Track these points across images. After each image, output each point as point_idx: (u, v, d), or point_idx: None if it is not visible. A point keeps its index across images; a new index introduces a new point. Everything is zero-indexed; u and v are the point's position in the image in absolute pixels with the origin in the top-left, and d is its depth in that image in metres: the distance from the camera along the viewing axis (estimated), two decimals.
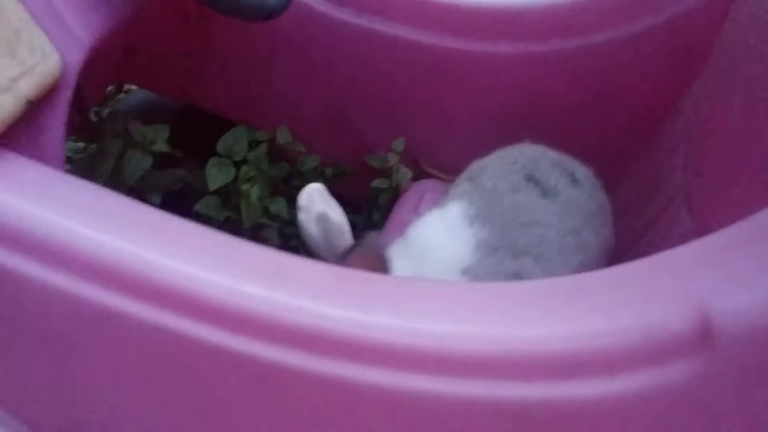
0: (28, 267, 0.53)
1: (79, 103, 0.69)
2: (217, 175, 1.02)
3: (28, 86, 0.56)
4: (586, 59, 0.99)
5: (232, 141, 1.07)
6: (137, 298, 0.51)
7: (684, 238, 0.78)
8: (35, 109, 0.58)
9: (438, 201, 1.07)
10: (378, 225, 1.11)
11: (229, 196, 1.06)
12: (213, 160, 1.04)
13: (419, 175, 1.15)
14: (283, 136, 1.11)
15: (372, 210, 1.14)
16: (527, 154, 0.85)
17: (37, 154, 0.60)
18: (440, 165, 1.15)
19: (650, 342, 0.47)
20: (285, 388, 0.52)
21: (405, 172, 1.11)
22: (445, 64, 1.05)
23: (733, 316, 0.45)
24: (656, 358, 0.47)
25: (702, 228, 0.76)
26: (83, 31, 0.65)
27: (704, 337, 0.46)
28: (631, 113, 1.02)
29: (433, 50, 1.04)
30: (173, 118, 1.21)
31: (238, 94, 1.14)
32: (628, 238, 0.91)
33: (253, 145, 1.09)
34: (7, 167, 0.54)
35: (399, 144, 1.10)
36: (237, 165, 1.06)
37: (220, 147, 1.06)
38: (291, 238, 1.17)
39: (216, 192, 1.03)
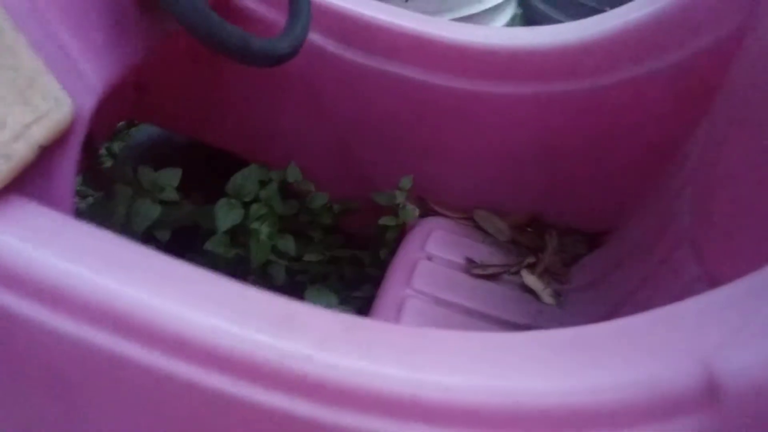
0: (38, 312, 0.53)
1: (89, 142, 0.70)
2: (225, 217, 1.03)
3: (41, 133, 0.57)
4: (593, 101, 1.00)
5: (242, 182, 1.08)
6: (146, 345, 0.51)
7: (690, 287, 0.78)
8: (47, 153, 0.59)
9: (444, 239, 1.08)
10: (384, 262, 1.11)
11: (237, 234, 1.07)
12: (222, 202, 1.04)
13: (426, 212, 1.15)
14: (292, 175, 1.12)
15: (379, 247, 1.14)
16: None
17: (48, 198, 0.61)
18: (447, 203, 1.15)
19: (655, 398, 0.47)
20: None
21: (412, 210, 1.12)
22: (452, 103, 1.06)
23: (739, 374, 0.45)
24: (661, 414, 0.47)
25: (710, 276, 0.75)
26: (96, 77, 0.66)
27: (710, 394, 0.45)
28: (637, 155, 1.03)
29: (440, 90, 1.05)
30: (182, 153, 1.23)
31: (248, 132, 1.15)
32: (633, 283, 0.91)
33: (263, 183, 1.10)
34: (18, 213, 0.55)
35: (406, 182, 1.11)
36: (246, 204, 1.07)
37: (230, 188, 1.06)
38: (297, 274, 1.17)
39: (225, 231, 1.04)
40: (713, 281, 0.74)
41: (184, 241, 1.10)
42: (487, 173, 1.12)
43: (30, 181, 0.58)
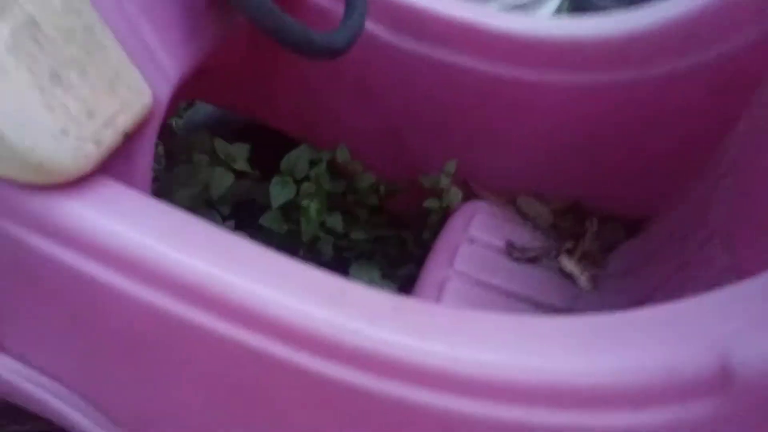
0: (120, 281, 0.60)
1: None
2: (280, 193, 1.10)
3: (126, 121, 0.64)
4: (636, 92, 1.03)
5: (295, 160, 1.14)
6: (216, 314, 0.58)
7: (720, 278, 0.81)
8: (129, 138, 0.66)
9: (486, 223, 1.13)
10: (428, 243, 1.16)
11: (290, 210, 1.13)
12: (276, 179, 1.11)
13: (469, 195, 1.19)
14: (342, 155, 1.18)
15: (422, 228, 1.19)
16: None
17: (129, 176, 0.68)
18: (490, 187, 1.20)
19: (671, 382, 0.52)
20: (342, 402, 0.58)
21: (456, 193, 1.17)
22: (498, 91, 1.10)
23: (753, 363, 0.49)
24: (678, 397, 0.52)
25: (739, 269, 0.79)
26: (172, 68, 0.72)
27: (724, 380, 0.50)
28: (677, 145, 1.05)
29: (486, 77, 1.09)
30: (239, 131, 1.29)
31: (301, 113, 1.21)
32: (666, 272, 0.94)
33: (314, 163, 1.16)
34: (104, 192, 0.62)
35: (451, 166, 1.15)
36: (298, 182, 1.13)
37: (284, 166, 1.13)
38: (344, 250, 1.23)
39: (278, 206, 1.10)
40: (743, 274, 0.77)
41: (242, 214, 1.17)
42: (530, 159, 1.16)
43: (114, 162, 0.65)
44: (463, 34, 1.07)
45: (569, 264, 1.09)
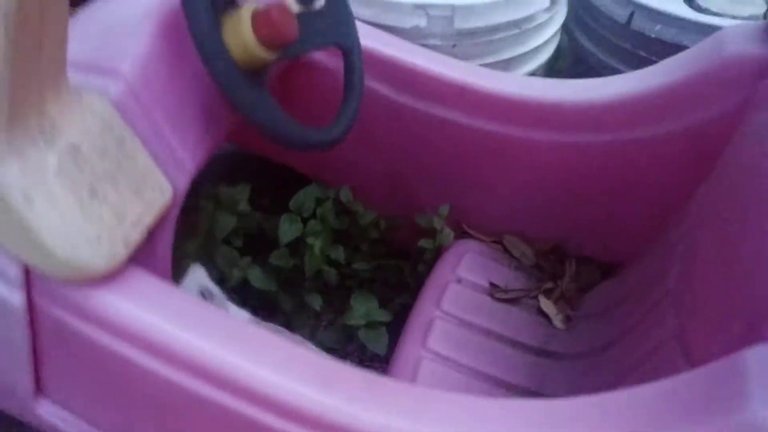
0: (146, 359, 0.73)
1: None
2: (287, 231, 1.22)
3: (150, 219, 0.76)
4: (613, 153, 1.13)
5: (302, 199, 1.26)
6: (226, 391, 0.70)
7: (666, 342, 0.92)
8: (152, 231, 0.78)
9: (474, 262, 1.24)
10: (422, 275, 1.28)
11: (297, 245, 1.25)
12: (285, 217, 1.23)
13: (461, 233, 1.31)
14: (344, 195, 1.29)
15: (418, 262, 1.31)
16: None
17: (151, 259, 0.80)
18: (480, 227, 1.31)
19: None
20: None
21: (448, 234, 1.28)
22: (488, 144, 1.20)
23: None
24: None
25: (683, 335, 0.90)
26: (190, 161, 0.84)
27: None
28: (649, 202, 1.15)
29: (478, 132, 1.19)
30: (252, 167, 1.41)
31: (308, 154, 1.32)
32: (630, 321, 1.05)
33: (320, 201, 1.28)
34: (132, 284, 0.74)
35: (444, 210, 1.26)
36: (305, 220, 1.25)
37: (293, 205, 1.25)
38: (347, 278, 1.35)
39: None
40: (684, 344, 0.88)
41: (252, 246, 1.29)
42: (517, 205, 1.27)
43: (138, 250, 0.77)
44: (457, 94, 1.17)
45: (546, 304, 1.20)
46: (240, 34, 0.83)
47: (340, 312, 1.31)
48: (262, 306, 1.26)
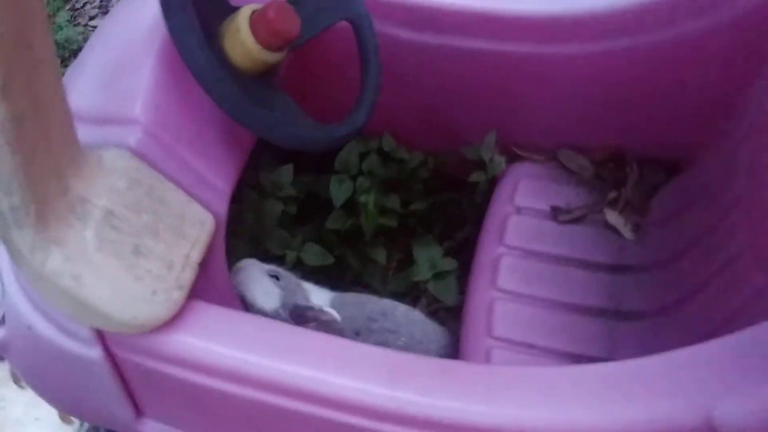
0: (220, 384, 0.77)
1: None
2: (339, 192, 1.21)
3: (197, 255, 0.77)
4: (656, 54, 1.05)
5: (346, 157, 1.25)
6: (306, 402, 0.74)
7: (737, 257, 0.89)
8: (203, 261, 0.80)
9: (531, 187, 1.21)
10: (481, 205, 1.26)
11: (350, 204, 1.25)
12: (334, 179, 1.22)
13: (513, 158, 1.27)
14: (387, 144, 1.27)
15: (474, 194, 1.29)
16: None
17: (209, 286, 0.83)
18: (532, 147, 1.26)
19: (668, 429, 0.64)
20: None
21: (499, 162, 1.24)
22: (521, 66, 1.14)
23: (734, 422, 0.60)
24: None
25: (755, 249, 0.86)
26: (223, 182, 0.84)
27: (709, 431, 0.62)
28: (704, 99, 1.08)
29: (510, 56, 1.13)
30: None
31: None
32: (700, 227, 1.01)
33: (363, 156, 1.26)
34: (193, 319, 0.77)
35: (490, 138, 1.23)
36: (353, 177, 1.25)
37: (338, 164, 1.24)
38: (407, 218, 1.35)
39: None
40: (759, 257, 0.85)
41: (305, 211, 1.30)
42: (565, 117, 1.21)
43: (195, 280, 0.79)
44: (482, 22, 1.11)
45: (613, 216, 1.17)
46: (241, 42, 0.80)
47: (405, 257, 1.32)
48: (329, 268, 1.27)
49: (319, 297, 1.05)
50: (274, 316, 0.95)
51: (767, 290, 0.82)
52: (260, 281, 0.99)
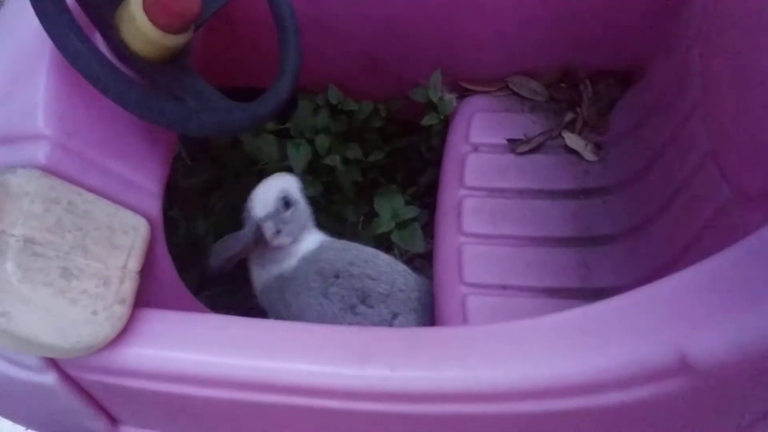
0: (184, 388, 0.74)
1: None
2: (298, 157, 1.17)
3: (136, 263, 0.73)
4: None
5: (300, 119, 1.20)
6: (278, 394, 0.71)
7: (701, 163, 0.85)
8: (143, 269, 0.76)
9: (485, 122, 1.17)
10: (438, 148, 1.22)
11: (315, 166, 1.21)
12: (290, 144, 1.17)
13: (464, 94, 1.22)
14: (333, 97, 1.21)
15: (430, 137, 1.24)
16: None
17: (158, 289, 0.79)
18: (481, 79, 1.21)
19: (644, 371, 0.62)
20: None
21: (450, 100, 1.20)
22: None
23: (706, 355, 0.58)
24: (650, 380, 0.62)
25: (715, 152, 0.82)
26: (152, 182, 0.79)
27: (683, 368, 0.60)
28: (642, 8, 1.03)
29: None
30: None
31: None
32: (661, 139, 0.97)
33: (315, 113, 1.21)
34: (142, 329, 0.73)
35: (435, 77, 1.17)
36: (310, 141, 1.20)
37: (293, 130, 1.19)
38: (369, 170, 1.30)
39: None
40: (721, 166, 0.82)
41: None
42: (511, 44, 1.16)
43: (140, 293, 0.76)
44: None
45: (572, 138, 1.13)
46: (138, 30, 0.74)
47: (372, 210, 1.28)
48: None
49: (312, 237, 1.07)
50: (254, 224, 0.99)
51: (732, 202, 0.79)
52: (268, 194, 1.02)
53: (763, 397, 0.61)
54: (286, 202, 1.02)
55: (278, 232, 1.00)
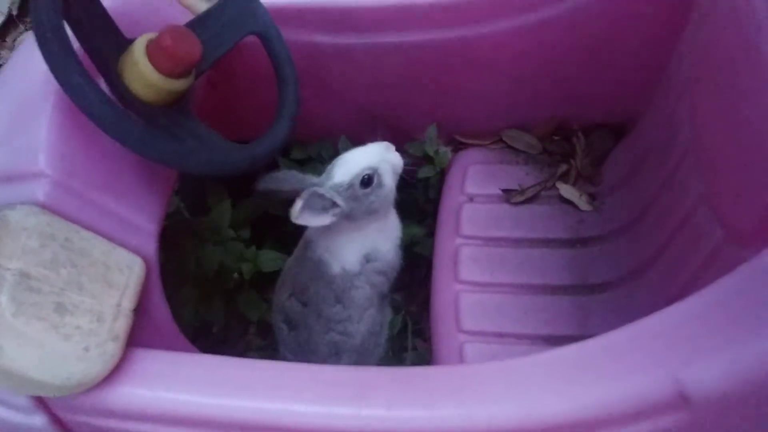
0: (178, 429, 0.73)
1: None
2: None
3: (130, 301, 0.73)
4: (579, 16, 1.03)
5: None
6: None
7: (694, 208, 0.86)
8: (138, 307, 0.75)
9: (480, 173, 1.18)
10: (435, 200, 1.23)
11: None
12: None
13: (459, 146, 1.24)
14: (326, 149, 1.23)
15: (427, 189, 1.25)
16: None
17: (150, 329, 0.79)
18: (475, 133, 1.24)
19: (642, 407, 0.61)
20: None
21: (445, 153, 1.22)
22: (451, 52, 1.11)
23: (705, 386, 0.57)
24: (648, 416, 0.61)
25: (706, 197, 0.83)
26: (149, 221, 0.80)
27: (682, 401, 0.59)
28: (638, 52, 1.06)
29: (434, 45, 1.10)
30: None
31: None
32: (654, 187, 0.98)
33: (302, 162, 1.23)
34: (133, 369, 0.72)
35: (431, 131, 1.20)
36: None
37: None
38: None
39: None
40: (714, 209, 0.82)
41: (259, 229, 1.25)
42: (504, 101, 1.18)
43: (132, 332, 0.75)
44: (398, 16, 1.08)
45: (566, 189, 1.14)
46: (141, 75, 0.76)
47: None
48: None
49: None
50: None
51: (725, 242, 0.80)
52: (350, 165, 0.97)
53: (764, 427, 0.60)
54: (367, 180, 0.95)
55: (325, 208, 0.93)
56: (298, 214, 0.89)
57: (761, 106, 0.68)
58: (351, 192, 0.95)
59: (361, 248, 1.03)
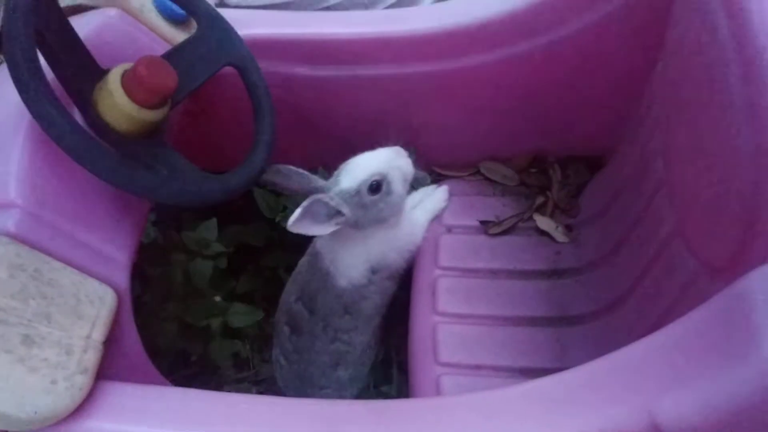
0: None
1: None
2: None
3: (100, 334, 0.72)
4: (555, 51, 1.04)
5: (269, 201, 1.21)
6: None
7: (667, 240, 0.87)
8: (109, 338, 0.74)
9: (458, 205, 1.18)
10: None
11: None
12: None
13: (437, 178, 1.25)
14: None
15: None
16: None
17: (122, 362, 0.77)
18: (453, 165, 1.24)
19: None
20: None
21: (425, 177, 1.22)
22: (429, 84, 1.12)
23: (678, 419, 0.57)
24: None
25: (679, 229, 0.84)
26: (121, 252, 0.79)
27: None
28: (612, 87, 1.07)
29: (413, 77, 1.11)
30: None
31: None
32: (630, 219, 0.99)
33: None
34: (103, 403, 0.71)
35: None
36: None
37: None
38: None
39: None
40: (687, 240, 0.83)
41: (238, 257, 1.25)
42: (481, 133, 1.19)
43: (102, 364, 0.74)
44: (378, 48, 1.09)
45: (543, 221, 1.15)
46: (116, 105, 0.76)
47: None
48: None
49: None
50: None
51: (700, 274, 0.80)
52: (357, 171, 0.95)
53: None
54: (375, 187, 0.93)
55: (334, 214, 0.90)
56: (297, 223, 0.85)
57: (728, 142, 0.69)
58: (358, 199, 0.92)
59: (366, 260, 1.01)
